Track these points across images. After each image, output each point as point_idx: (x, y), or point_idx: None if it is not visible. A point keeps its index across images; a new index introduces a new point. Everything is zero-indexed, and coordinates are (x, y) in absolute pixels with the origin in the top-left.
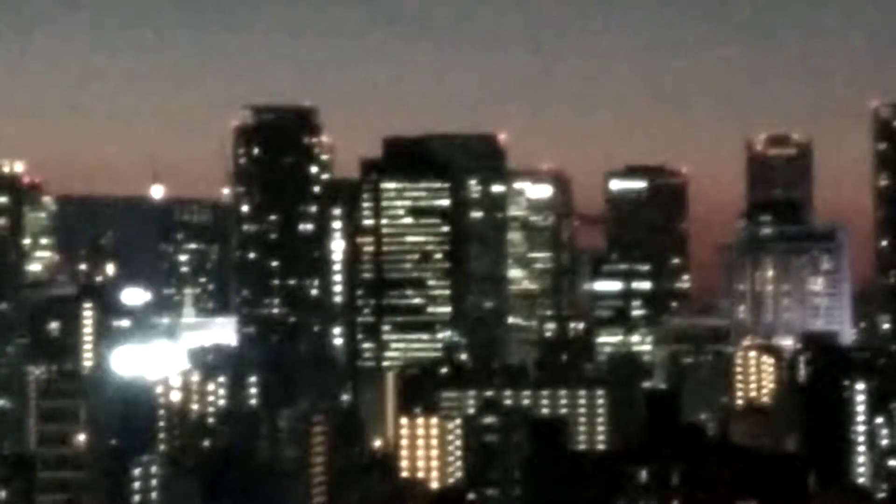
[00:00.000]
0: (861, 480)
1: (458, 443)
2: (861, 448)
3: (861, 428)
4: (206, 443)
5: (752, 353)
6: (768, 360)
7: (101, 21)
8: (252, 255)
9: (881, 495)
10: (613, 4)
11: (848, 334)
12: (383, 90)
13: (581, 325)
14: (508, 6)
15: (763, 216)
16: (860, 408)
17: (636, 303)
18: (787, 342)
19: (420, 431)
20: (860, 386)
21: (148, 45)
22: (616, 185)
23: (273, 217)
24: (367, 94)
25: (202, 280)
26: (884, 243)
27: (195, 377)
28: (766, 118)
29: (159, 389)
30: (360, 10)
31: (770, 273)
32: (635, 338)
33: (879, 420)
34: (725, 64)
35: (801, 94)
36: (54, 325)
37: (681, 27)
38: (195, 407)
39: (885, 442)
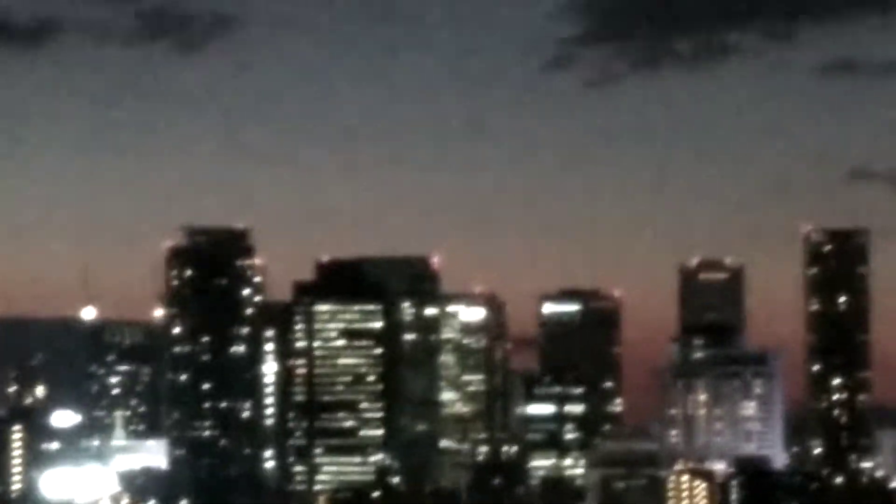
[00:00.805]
0: None
1: None
2: None
3: None
4: None
5: (685, 478)
6: (701, 485)
7: (31, 140)
8: (183, 377)
9: None
10: (543, 128)
11: (780, 458)
12: (316, 213)
13: (514, 449)
14: (444, 133)
15: (696, 340)
16: None
17: (569, 426)
18: (720, 466)
19: None
20: None
21: (78, 166)
22: (549, 308)
23: (205, 339)
24: (301, 216)
25: (133, 402)
26: (815, 368)
27: (125, 500)
28: (698, 243)
29: None
30: (294, 132)
31: (702, 397)
32: (568, 461)
33: None
34: (658, 188)
35: (733, 219)
36: None
37: (611, 146)
38: None
39: None
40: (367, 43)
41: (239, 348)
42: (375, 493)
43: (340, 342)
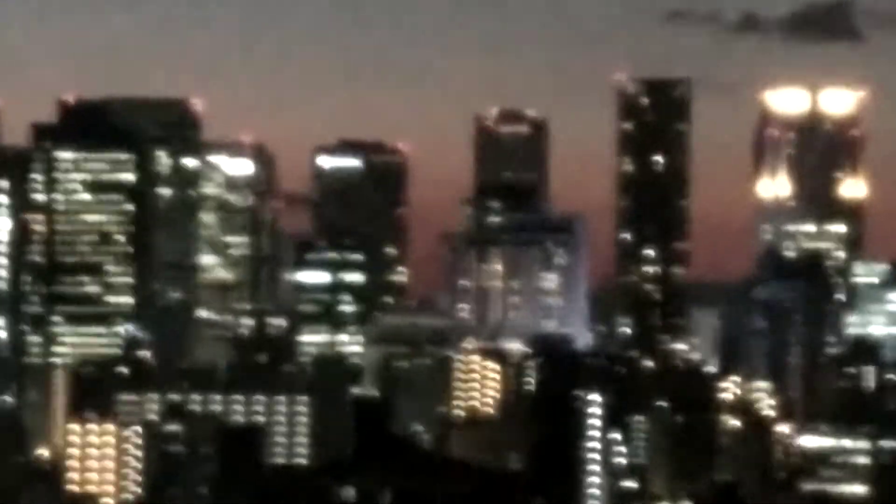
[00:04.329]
0: None
1: (138, 453)
2: (594, 467)
3: (595, 444)
4: None
5: (475, 358)
6: (493, 366)
7: None
8: None
9: None
10: None
11: (583, 338)
12: (61, 47)
13: (282, 322)
14: None
15: (491, 202)
16: (594, 421)
17: (345, 297)
18: (515, 346)
19: (93, 439)
20: (595, 397)
21: None
22: (326, 161)
23: None
24: (42, 51)
25: None
26: (626, 236)
27: None
28: (498, 92)
29: None
30: None
31: (498, 267)
32: (344, 337)
33: (615, 436)
34: (455, 32)
35: (537, 67)
36: None
37: None
38: None
39: (620, 461)
40: None
41: None
42: (121, 368)
43: (85, 196)
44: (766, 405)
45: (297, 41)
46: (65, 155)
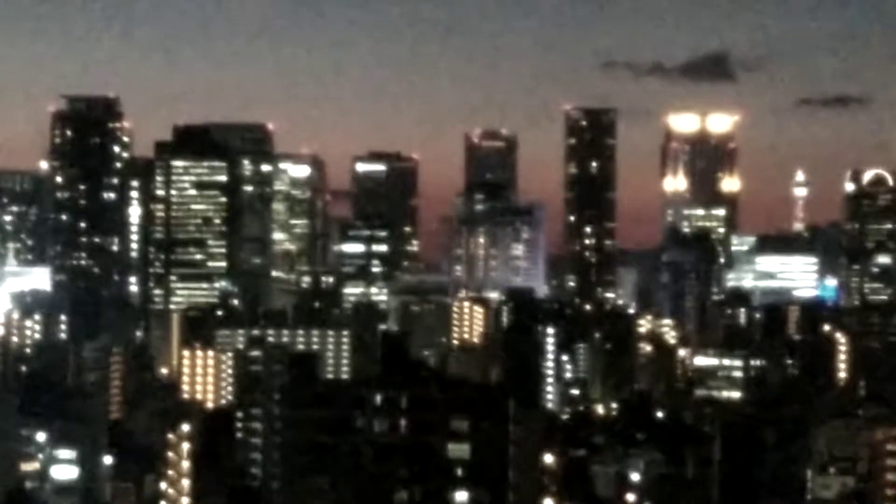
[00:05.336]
0: (549, 406)
1: (230, 371)
2: (550, 380)
3: (550, 364)
4: (24, 369)
5: (466, 304)
6: (479, 310)
7: None
8: (64, 218)
9: (564, 417)
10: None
11: (542, 290)
12: (175, 84)
13: (331, 279)
14: (278, 25)
15: (477, 195)
16: (550, 348)
17: (375, 262)
18: (494, 295)
19: (199, 362)
20: (550, 330)
21: None
22: (361, 167)
23: (82, 187)
24: (162, 86)
25: (22, 236)
26: (571, 218)
27: (15, 315)
28: (480, 115)
29: None
30: (158, 22)
31: (481, 240)
32: (374, 290)
33: (565, 358)
34: (451, 67)
35: (508, 99)
36: None
37: (414, 37)
38: (15, 340)
39: (568, 375)
40: None
41: (110, 195)
42: (219, 312)
43: (192, 192)
44: (670, 336)
45: (337, 79)
46: (178, 163)
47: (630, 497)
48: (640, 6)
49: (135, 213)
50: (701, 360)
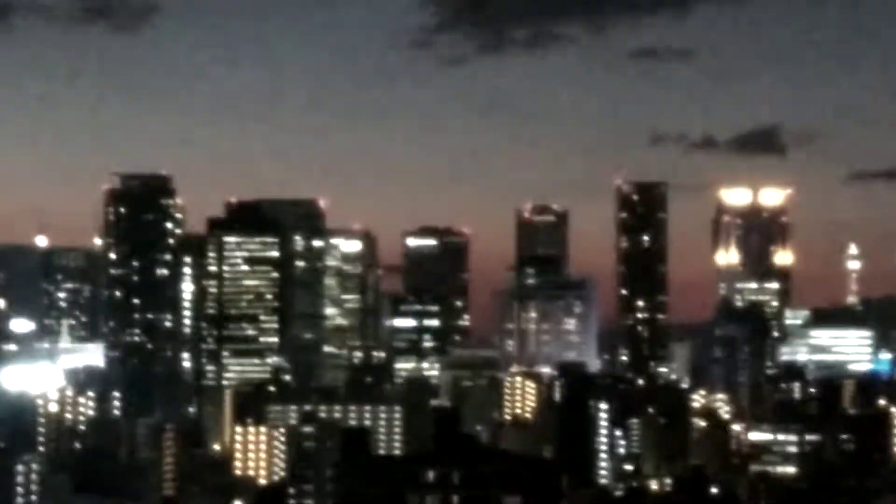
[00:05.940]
0: (603, 481)
1: (282, 448)
2: (603, 455)
3: (603, 439)
4: (78, 445)
5: (518, 379)
6: (531, 384)
7: None
8: (118, 294)
9: (618, 493)
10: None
11: (594, 364)
12: (227, 161)
13: (383, 354)
14: (330, 103)
15: (528, 269)
16: (603, 423)
17: (427, 336)
18: (546, 370)
19: (251, 438)
20: (603, 406)
21: (32, 114)
22: (412, 242)
23: (135, 263)
24: (214, 163)
25: (76, 313)
26: (623, 292)
27: (69, 392)
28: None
29: (40, 402)
30: (205, 102)
31: (533, 314)
32: (426, 364)
33: (618, 433)
34: (502, 141)
35: (561, 174)
36: None
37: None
38: (69, 416)
39: (622, 450)
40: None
41: (163, 271)
42: (271, 388)
43: (245, 267)
44: (724, 411)
45: (388, 154)
46: (230, 239)
47: None
48: (691, 80)
49: (187, 288)
50: (755, 436)
